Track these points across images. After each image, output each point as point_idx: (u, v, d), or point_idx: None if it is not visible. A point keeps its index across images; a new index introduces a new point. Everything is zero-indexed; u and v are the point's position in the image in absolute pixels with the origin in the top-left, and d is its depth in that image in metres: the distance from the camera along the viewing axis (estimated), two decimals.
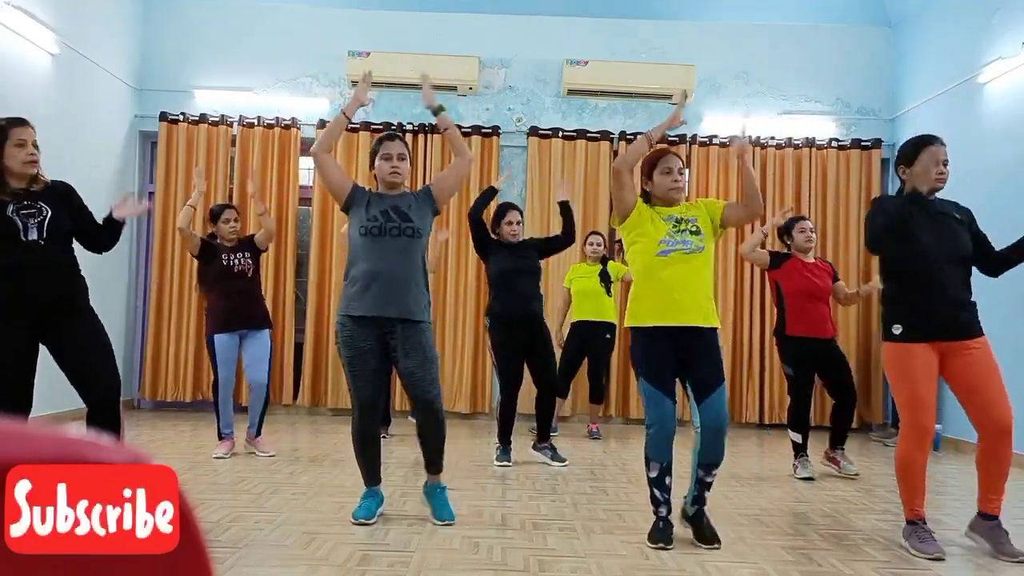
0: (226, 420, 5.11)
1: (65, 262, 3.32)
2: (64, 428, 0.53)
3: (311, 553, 3.02)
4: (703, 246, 3.25)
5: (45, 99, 6.12)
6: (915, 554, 3.22)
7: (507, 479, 4.65)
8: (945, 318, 3.25)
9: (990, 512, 3.27)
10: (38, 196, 3.28)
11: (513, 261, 5.04)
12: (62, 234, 3.30)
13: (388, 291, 3.40)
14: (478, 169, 7.59)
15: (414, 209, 3.53)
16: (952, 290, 3.26)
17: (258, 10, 7.78)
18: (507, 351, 5.02)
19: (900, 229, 3.31)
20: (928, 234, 3.28)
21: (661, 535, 3.24)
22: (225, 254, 5.10)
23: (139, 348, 7.68)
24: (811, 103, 7.83)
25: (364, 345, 3.44)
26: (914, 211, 3.29)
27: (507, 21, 7.77)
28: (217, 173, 7.60)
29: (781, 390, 7.41)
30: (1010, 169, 5.89)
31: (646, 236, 3.29)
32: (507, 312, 4.97)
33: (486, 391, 7.50)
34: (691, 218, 3.31)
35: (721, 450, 3.23)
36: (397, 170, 3.55)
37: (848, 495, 4.48)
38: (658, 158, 3.39)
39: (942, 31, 7.02)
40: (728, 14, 7.84)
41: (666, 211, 3.34)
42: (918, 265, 3.28)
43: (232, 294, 5.05)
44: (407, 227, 3.47)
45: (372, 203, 3.52)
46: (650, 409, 3.24)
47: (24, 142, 3.25)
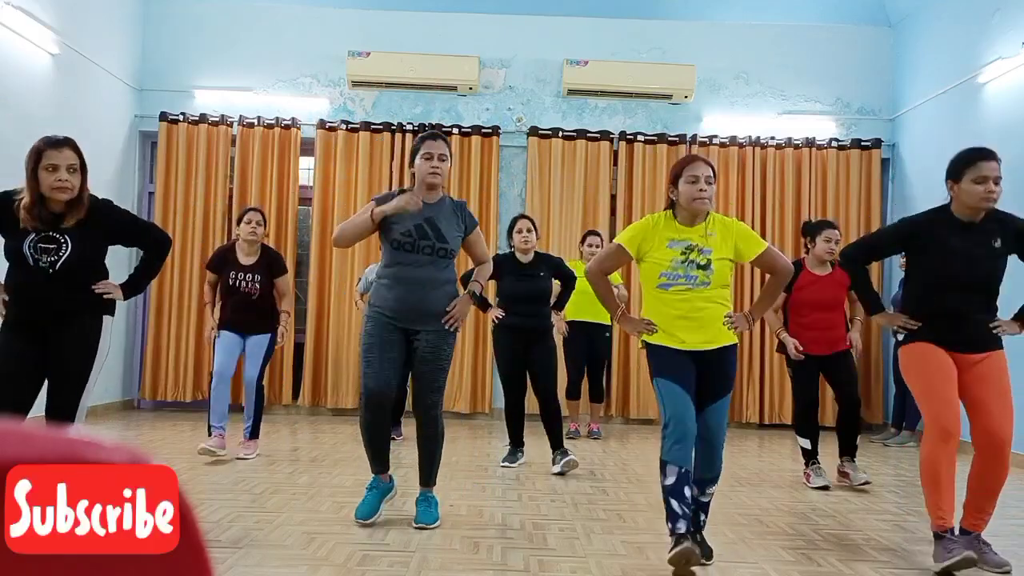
0: (216, 414, 4.99)
1: (77, 285, 3.17)
2: (64, 428, 0.53)
3: (311, 553, 3.02)
4: (709, 282, 2.99)
5: (45, 99, 6.12)
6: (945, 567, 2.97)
7: (507, 479, 4.65)
8: (957, 338, 3.18)
9: (972, 530, 3.13)
10: (66, 228, 3.10)
11: (517, 286, 4.95)
12: (77, 268, 3.15)
13: (417, 303, 3.39)
14: (478, 169, 7.60)
15: (448, 225, 3.44)
16: (967, 317, 3.18)
17: (258, 10, 7.78)
18: (507, 360, 5.00)
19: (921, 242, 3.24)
20: (955, 254, 3.15)
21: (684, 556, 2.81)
22: (234, 271, 5.03)
23: (139, 348, 7.68)
24: (811, 103, 7.83)
25: (387, 335, 3.41)
26: (940, 229, 3.20)
27: (507, 21, 7.77)
28: (217, 173, 7.60)
29: (781, 390, 7.42)
30: (1010, 169, 5.87)
31: (650, 259, 3.06)
32: (508, 323, 4.93)
33: (486, 391, 7.50)
34: (707, 249, 3.01)
35: (716, 464, 3.05)
36: (437, 170, 3.42)
37: (848, 496, 4.47)
38: (686, 164, 3.08)
39: (942, 31, 7.02)
40: (728, 14, 7.84)
41: (684, 232, 3.05)
42: (938, 285, 3.20)
43: (238, 306, 5.04)
44: (441, 248, 3.41)
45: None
46: (667, 405, 2.96)
47: (56, 167, 3.01)
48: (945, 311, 3.19)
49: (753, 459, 5.80)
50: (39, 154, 3.02)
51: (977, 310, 3.20)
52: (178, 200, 7.53)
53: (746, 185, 7.70)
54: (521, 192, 7.73)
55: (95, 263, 3.24)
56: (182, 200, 7.55)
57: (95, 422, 6.63)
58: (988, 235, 3.18)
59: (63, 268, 3.10)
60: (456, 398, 7.44)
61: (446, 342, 3.47)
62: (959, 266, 3.16)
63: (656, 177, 7.62)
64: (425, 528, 3.42)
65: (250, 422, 5.09)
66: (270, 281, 5.10)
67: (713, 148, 7.67)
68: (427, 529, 3.42)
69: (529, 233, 5.00)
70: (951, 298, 3.19)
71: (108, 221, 3.23)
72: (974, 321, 3.19)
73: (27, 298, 3.13)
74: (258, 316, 5.08)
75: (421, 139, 3.51)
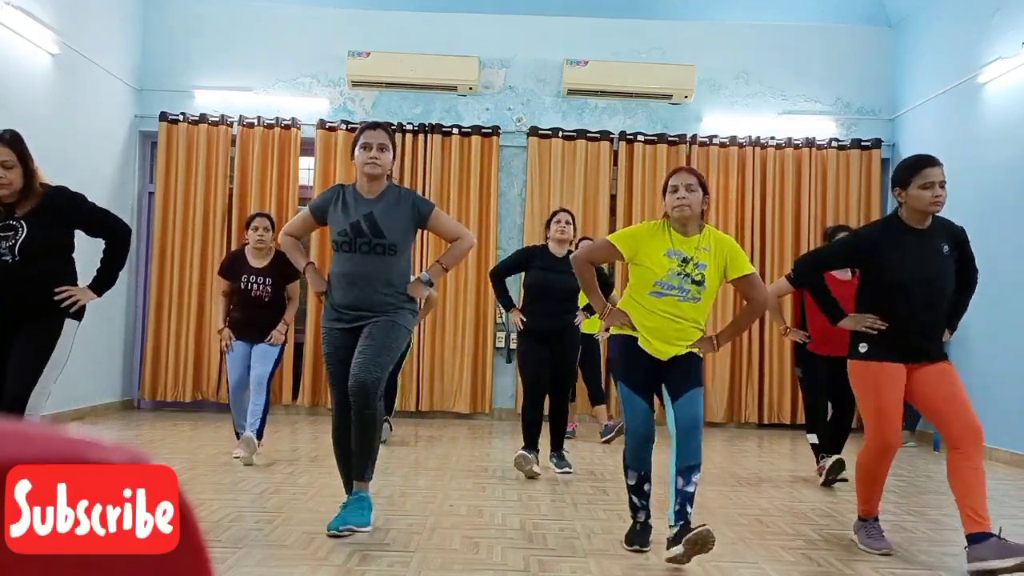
0: (239, 421, 5.04)
1: (40, 274, 3.22)
2: (64, 428, 0.53)
3: (311, 553, 3.01)
4: (699, 298, 3.12)
5: (45, 99, 6.12)
6: (864, 549, 3.27)
7: (507, 479, 4.65)
8: (912, 346, 3.22)
9: (981, 531, 2.95)
10: (19, 215, 3.19)
11: (548, 277, 4.82)
12: (38, 251, 3.20)
13: (358, 301, 3.30)
14: (478, 169, 7.60)
15: (391, 218, 3.32)
16: (923, 321, 3.22)
17: (258, 10, 7.78)
18: (530, 361, 4.87)
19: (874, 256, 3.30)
20: (908, 263, 3.21)
21: (638, 538, 3.19)
22: (246, 275, 5.00)
23: (139, 348, 7.68)
24: (811, 103, 7.83)
25: (343, 342, 3.34)
26: (891, 239, 3.27)
27: (507, 21, 7.77)
28: (217, 173, 7.60)
29: (781, 390, 7.42)
30: (1010, 169, 5.89)
31: (646, 263, 3.13)
32: (532, 325, 4.84)
33: (486, 391, 7.50)
34: (701, 263, 3.11)
35: (696, 450, 3.07)
36: (376, 160, 3.30)
37: (848, 495, 4.47)
38: (670, 176, 3.22)
39: (942, 31, 7.02)
40: (728, 14, 7.84)
41: (680, 241, 3.14)
42: (893, 294, 3.24)
43: (247, 310, 5.00)
44: (378, 244, 3.29)
45: (346, 206, 3.35)
46: (627, 415, 3.18)
47: None
48: (899, 321, 3.21)
49: (753, 459, 5.80)
50: None
51: (929, 319, 3.24)
52: (178, 200, 7.53)
53: (746, 185, 7.70)
54: (521, 192, 7.73)
55: (55, 248, 3.28)
56: (182, 200, 7.55)
57: (95, 422, 6.63)
58: (937, 240, 3.27)
59: (20, 251, 3.16)
60: (456, 398, 7.44)
61: (395, 326, 3.30)
62: (912, 271, 3.21)
63: (656, 177, 7.62)
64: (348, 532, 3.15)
65: (257, 422, 5.05)
66: (282, 285, 5.05)
67: (713, 148, 7.68)
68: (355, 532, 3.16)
69: (568, 225, 4.89)
70: (904, 307, 3.21)
71: (62, 205, 3.31)
72: (928, 332, 3.24)
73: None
74: (269, 319, 5.00)
75: (361, 129, 3.40)
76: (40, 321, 3.23)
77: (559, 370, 4.88)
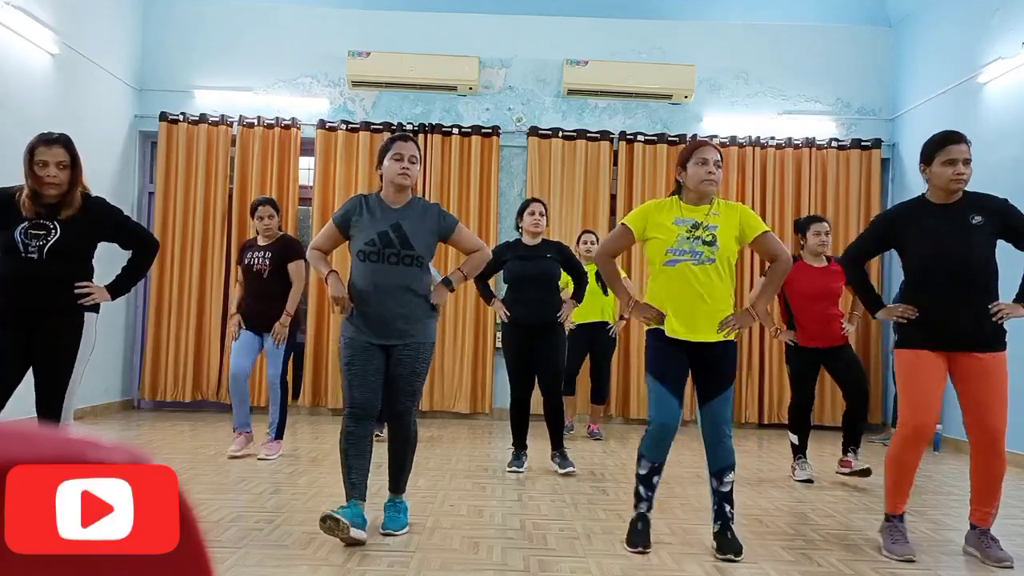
0: (237, 416, 5.07)
1: (60, 274, 3.25)
2: (64, 428, 0.53)
3: (311, 553, 3.02)
4: (714, 258, 3.08)
5: (45, 99, 6.12)
6: (886, 555, 3.21)
7: (507, 479, 4.65)
8: (953, 330, 3.16)
9: (979, 524, 3.24)
10: (58, 218, 3.22)
11: (524, 266, 4.84)
12: (65, 254, 3.24)
13: (386, 312, 3.29)
14: (478, 169, 7.60)
15: (417, 229, 3.35)
16: (962, 300, 3.15)
17: (258, 10, 7.78)
18: (514, 355, 4.90)
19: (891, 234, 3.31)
20: (938, 241, 3.17)
21: (640, 538, 3.17)
22: (251, 251, 5.11)
23: (139, 348, 7.68)
24: (811, 103, 7.83)
25: (366, 347, 3.32)
26: (909, 215, 3.27)
27: (507, 21, 7.77)
28: (217, 173, 7.60)
29: (781, 390, 7.42)
30: (1010, 169, 5.89)
31: (656, 236, 3.16)
32: (516, 316, 4.86)
33: (486, 391, 7.50)
34: (712, 225, 3.12)
35: (726, 453, 3.15)
36: (407, 172, 3.34)
37: (848, 495, 4.48)
38: (696, 147, 3.19)
39: (942, 31, 7.02)
40: (728, 14, 7.84)
41: (690, 210, 3.16)
42: (927, 274, 3.21)
43: (251, 294, 5.06)
44: (406, 255, 3.31)
45: (372, 215, 3.36)
46: (653, 406, 3.16)
47: (45, 163, 3.17)
48: (930, 307, 3.19)
49: (753, 459, 5.80)
50: (32, 151, 3.19)
51: (967, 302, 3.16)
52: (178, 200, 7.53)
53: (746, 185, 7.70)
54: (521, 192, 7.73)
55: (81, 255, 3.34)
56: (182, 200, 7.55)
57: (95, 422, 6.63)
58: (964, 211, 3.21)
59: (50, 253, 3.20)
60: (456, 398, 7.44)
61: (422, 347, 3.36)
62: (932, 244, 3.18)
63: (656, 177, 7.63)
64: (392, 535, 3.29)
65: (275, 423, 5.07)
66: (282, 263, 5.03)
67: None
68: (394, 536, 3.29)
69: (541, 216, 4.91)
70: (940, 288, 3.17)
71: (99, 216, 3.37)
72: (967, 316, 3.15)
73: (15, 285, 3.21)
74: (269, 305, 4.98)
75: (391, 140, 3.42)
76: (62, 319, 3.27)
77: (544, 368, 4.86)
